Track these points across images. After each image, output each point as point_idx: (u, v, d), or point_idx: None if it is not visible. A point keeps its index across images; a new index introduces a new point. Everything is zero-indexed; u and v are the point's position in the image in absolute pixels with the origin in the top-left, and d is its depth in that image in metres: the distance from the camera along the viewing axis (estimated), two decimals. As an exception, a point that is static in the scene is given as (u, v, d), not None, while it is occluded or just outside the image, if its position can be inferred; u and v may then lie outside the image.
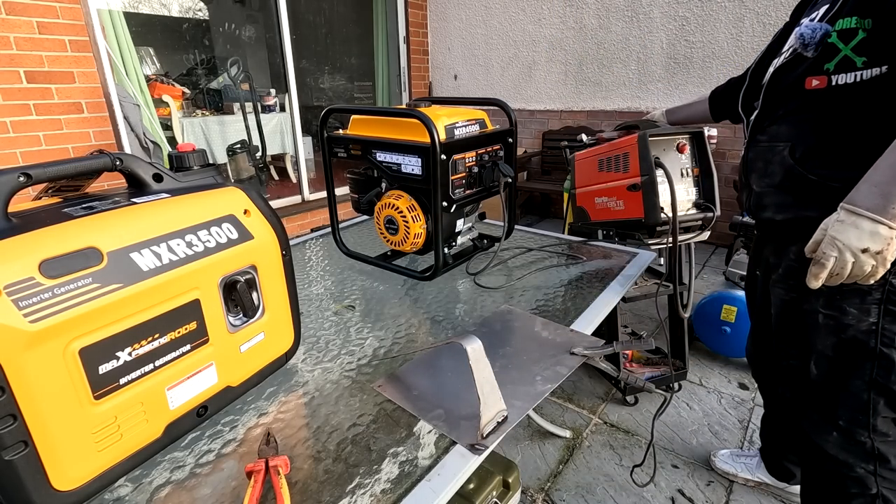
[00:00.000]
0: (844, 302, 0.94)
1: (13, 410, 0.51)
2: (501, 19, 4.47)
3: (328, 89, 6.38)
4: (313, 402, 0.81)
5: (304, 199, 4.21)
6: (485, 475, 1.24)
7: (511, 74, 4.56)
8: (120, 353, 0.59)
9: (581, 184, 2.46)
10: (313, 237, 1.64)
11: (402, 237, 1.20)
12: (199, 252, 0.66)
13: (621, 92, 3.99)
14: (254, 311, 0.76)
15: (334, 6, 5.99)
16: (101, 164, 0.64)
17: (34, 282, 0.51)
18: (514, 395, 0.79)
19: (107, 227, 0.59)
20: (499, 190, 1.25)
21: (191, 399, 0.70)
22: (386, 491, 0.62)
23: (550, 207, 4.76)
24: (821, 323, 0.98)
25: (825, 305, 0.97)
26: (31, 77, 2.60)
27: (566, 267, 1.33)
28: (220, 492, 0.63)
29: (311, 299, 1.17)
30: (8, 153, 2.59)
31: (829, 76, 0.87)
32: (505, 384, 0.78)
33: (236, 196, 0.74)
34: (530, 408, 0.79)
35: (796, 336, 1.06)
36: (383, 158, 1.17)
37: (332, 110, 1.26)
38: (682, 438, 1.90)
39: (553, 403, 2.16)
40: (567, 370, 0.86)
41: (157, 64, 5.76)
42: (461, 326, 1.04)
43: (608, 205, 2.24)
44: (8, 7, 2.46)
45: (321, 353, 0.95)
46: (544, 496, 1.67)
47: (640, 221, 1.98)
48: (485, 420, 0.71)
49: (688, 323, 2.21)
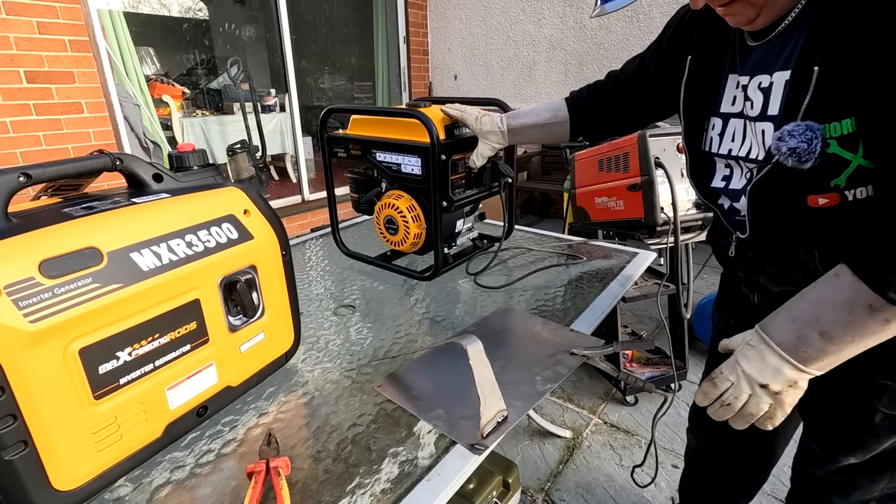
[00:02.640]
0: None
1: (13, 410, 0.51)
2: (501, 19, 4.46)
3: (328, 89, 6.38)
4: (313, 402, 0.81)
5: (304, 199, 4.21)
6: (485, 475, 1.24)
7: (511, 74, 4.55)
8: (120, 353, 0.59)
9: (581, 184, 2.46)
10: (313, 237, 1.64)
11: (402, 237, 1.20)
12: (199, 252, 0.66)
13: (621, 92, 3.99)
14: (254, 311, 0.76)
15: (334, 6, 5.98)
16: (101, 164, 0.64)
17: (34, 282, 0.51)
18: (514, 395, 0.79)
19: (107, 227, 0.59)
20: (499, 190, 1.25)
21: (191, 399, 0.70)
22: (386, 491, 0.62)
23: (550, 207, 4.76)
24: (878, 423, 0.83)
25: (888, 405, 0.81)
26: (31, 77, 2.60)
27: (566, 267, 1.33)
28: (220, 492, 0.63)
29: (311, 299, 1.17)
30: (8, 153, 2.59)
31: (842, 192, 0.67)
32: (505, 384, 0.78)
33: (236, 196, 0.74)
34: (530, 408, 0.79)
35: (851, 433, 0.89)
36: (383, 158, 1.17)
37: (332, 110, 1.26)
38: (683, 438, 1.90)
39: (553, 403, 2.16)
40: (567, 370, 0.86)
41: (157, 64, 5.76)
42: (461, 326, 1.04)
43: (608, 205, 2.24)
44: (8, 7, 2.46)
45: (321, 353, 0.95)
46: (544, 496, 1.67)
47: (640, 221, 1.99)
48: (485, 420, 0.71)
49: (688, 323, 2.22)
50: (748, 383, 0.70)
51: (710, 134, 0.88)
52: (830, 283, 0.66)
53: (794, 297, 0.70)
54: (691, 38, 0.90)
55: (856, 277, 0.62)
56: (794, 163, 0.67)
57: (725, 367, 0.74)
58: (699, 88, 0.88)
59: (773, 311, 0.73)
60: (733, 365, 0.73)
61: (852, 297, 0.62)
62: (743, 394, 0.71)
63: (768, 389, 0.69)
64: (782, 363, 0.68)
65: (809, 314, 0.66)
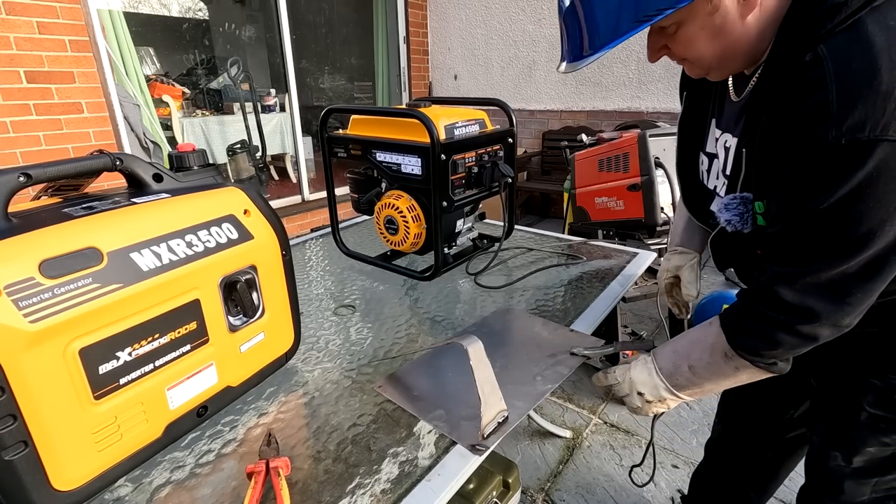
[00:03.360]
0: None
1: (13, 410, 0.51)
2: (501, 19, 4.46)
3: (328, 89, 6.38)
4: (313, 402, 0.81)
5: (304, 199, 4.21)
6: (485, 475, 1.24)
7: (511, 74, 4.55)
8: (120, 353, 0.59)
9: (581, 184, 2.46)
10: (313, 237, 1.64)
11: (402, 237, 1.20)
12: (199, 252, 0.66)
13: (621, 92, 3.99)
14: (254, 311, 0.76)
15: (334, 6, 5.98)
16: (101, 164, 0.64)
17: (34, 282, 0.51)
18: (514, 395, 0.79)
19: (107, 227, 0.59)
20: (499, 190, 1.25)
21: (191, 399, 0.70)
22: (386, 491, 0.62)
23: (550, 207, 4.76)
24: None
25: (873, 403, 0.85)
26: (31, 77, 2.60)
27: (566, 267, 1.33)
28: (220, 492, 0.63)
29: (311, 299, 1.17)
30: (8, 153, 2.59)
31: None
32: (505, 384, 0.78)
33: (236, 196, 0.74)
34: (531, 408, 0.79)
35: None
36: (383, 158, 1.17)
37: (332, 110, 1.26)
38: (682, 438, 1.90)
39: (553, 403, 2.16)
40: (567, 370, 0.86)
41: (157, 64, 5.76)
42: (461, 326, 1.04)
43: (608, 205, 2.25)
44: (8, 7, 2.46)
45: (321, 353, 0.95)
46: (544, 496, 1.67)
47: (640, 221, 1.99)
48: (485, 420, 0.71)
49: (688, 323, 2.22)
50: (629, 386, 0.85)
51: (701, 168, 0.93)
52: (705, 329, 0.79)
53: (681, 333, 0.84)
54: (685, 77, 0.96)
55: (720, 328, 0.75)
56: (732, 230, 0.78)
57: (619, 368, 0.88)
58: (692, 124, 0.94)
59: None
60: (626, 369, 0.87)
61: (714, 343, 0.76)
62: (623, 391, 0.87)
63: (643, 396, 0.84)
64: (659, 383, 0.82)
65: (685, 350, 0.80)
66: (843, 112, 0.57)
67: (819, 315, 0.66)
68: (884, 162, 0.56)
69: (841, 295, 0.65)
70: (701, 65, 0.73)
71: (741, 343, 0.73)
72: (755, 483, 1.27)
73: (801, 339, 0.69)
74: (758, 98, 0.73)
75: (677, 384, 0.80)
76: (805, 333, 0.68)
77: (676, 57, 0.74)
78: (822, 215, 0.61)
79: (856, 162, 0.57)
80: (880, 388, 0.82)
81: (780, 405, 1.13)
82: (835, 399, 0.91)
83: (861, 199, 0.58)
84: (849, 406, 0.87)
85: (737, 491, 1.30)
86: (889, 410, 0.82)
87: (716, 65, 0.72)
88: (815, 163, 0.61)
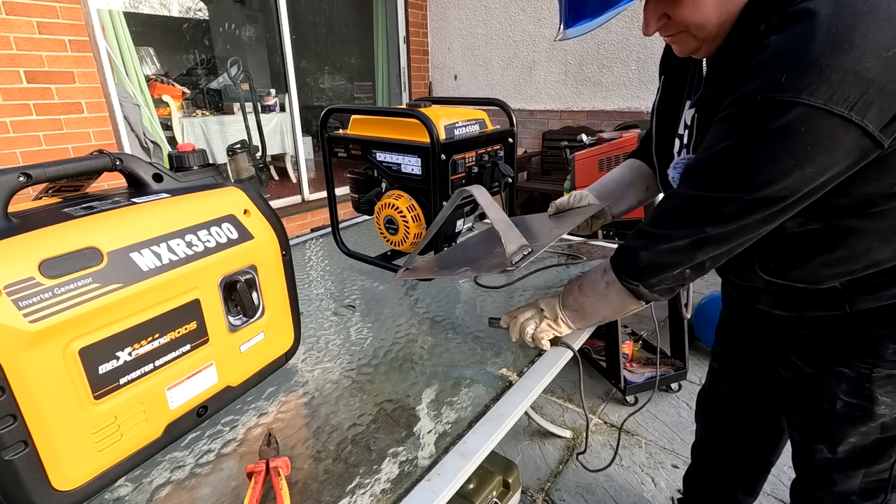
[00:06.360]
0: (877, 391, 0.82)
1: (13, 410, 0.51)
2: (501, 19, 4.46)
3: (328, 89, 6.37)
4: (313, 402, 0.81)
5: (304, 199, 4.21)
6: (485, 475, 1.24)
7: (511, 74, 4.55)
8: (120, 353, 0.59)
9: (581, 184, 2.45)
10: (313, 237, 1.64)
11: (402, 237, 1.20)
12: (199, 252, 0.66)
13: (621, 92, 3.98)
14: (254, 311, 0.76)
15: (334, 6, 5.98)
16: (101, 164, 0.64)
17: (34, 282, 0.51)
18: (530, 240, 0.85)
19: (107, 227, 0.59)
20: (499, 190, 1.25)
21: (191, 399, 0.70)
22: (386, 491, 0.62)
23: (550, 207, 4.75)
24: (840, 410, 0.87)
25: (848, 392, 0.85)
26: (31, 77, 2.60)
27: (566, 267, 1.33)
28: (220, 492, 0.63)
29: (311, 299, 1.17)
30: (8, 153, 2.59)
31: None
32: None
33: (236, 196, 0.74)
34: (550, 243, 0.90)
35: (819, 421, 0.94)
36: (383, 158, 1.17)
37: (332, 110, 1.26)
38: (682, 438, 1.90)
39: (553, 403, 2.16)
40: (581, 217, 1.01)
41: (157, 64, 5.76)
42: (461, 326, 1.04)
43: (608, 205, 2.22)
44: (8, 7, 2.46)
45: (321, 353, 0.95)
46: (544, 496, 1.67)
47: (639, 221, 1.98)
48: (510, 251, 0.73)
49: (688, 323, 2.22)
50: (535, 309, 0.92)
51: (675, 151, 0.94)
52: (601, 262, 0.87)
53: (584, 275, 0.91)
54: (665, 61, 0.98)
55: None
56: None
57: (527, 305, 0.95)
58: (668, 108, 0.95)
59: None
60: (534, 302, 0.94)
61: (602, 266, 0.85)
62: (527, 313, 0.92)
63: (542, 313, 0.91)
64: (556, 301, 0.90)
65: (582, 279, 0.90)
66: (768, 72, 0.61)
67: (675, 239, 0.73)
68: (794, 123, 0.59)
69: (701, 225, 0.70)
70: (701, 33, 0.73)
71: (615, 257, 0.82)
72: (740, 480, 1.28)
73: (657, 258, 0.75)
74: (715, 66, 0.76)
75: (566, 304, 0.89)
76: (662, 257, 0.75)
77: (677, 26, 0.74)
78: (719, 155, 0.67)
79: (764, 118, 0.61)
80: (851, 377, 0.83)
81: (754, 401, 1.15)
82: (809, 392, 0.91)
83: (756, 150, 0.63)
84: (824, 397, 0.88)
85: (724, 490, 1.31)
86: (863, 398, 0.83)
87: (714, 33, 0.73)
88: (731, 114, 0.66)
